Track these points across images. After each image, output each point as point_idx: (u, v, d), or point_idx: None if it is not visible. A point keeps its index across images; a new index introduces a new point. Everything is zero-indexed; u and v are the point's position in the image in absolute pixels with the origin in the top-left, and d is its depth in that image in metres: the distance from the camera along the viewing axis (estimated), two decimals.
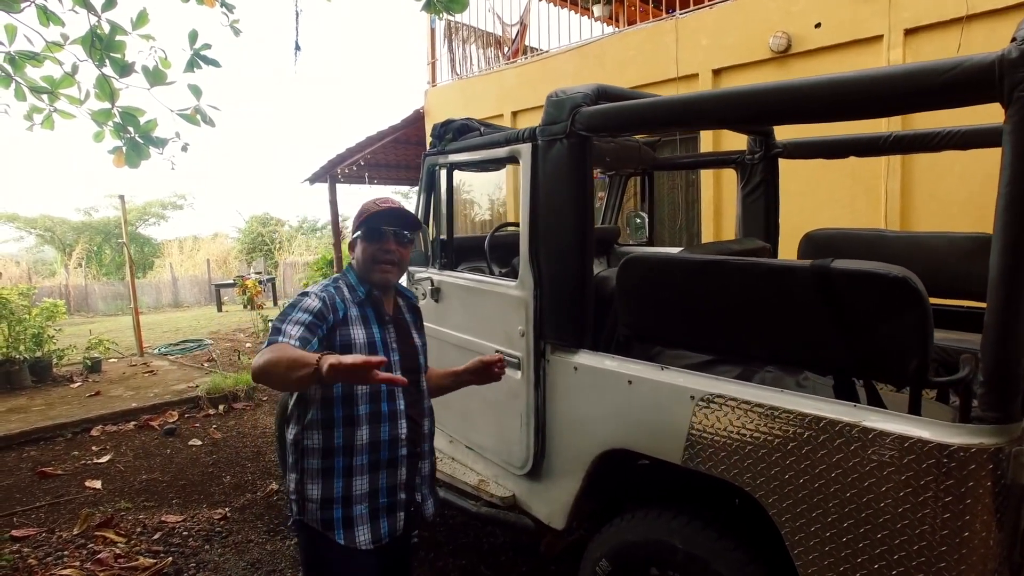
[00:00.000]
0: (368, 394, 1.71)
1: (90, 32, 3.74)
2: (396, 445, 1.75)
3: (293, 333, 1.55)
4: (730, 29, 5.44)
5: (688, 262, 1.78)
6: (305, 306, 1.63)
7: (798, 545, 1.56)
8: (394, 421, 1.75)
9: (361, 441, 1.69)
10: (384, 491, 1.74)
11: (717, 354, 1.89)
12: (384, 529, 1.73)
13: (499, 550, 3.15)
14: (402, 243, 1.79)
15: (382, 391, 1.73)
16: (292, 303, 1.67)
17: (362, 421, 1.69)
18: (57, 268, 22.07)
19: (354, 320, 1.72)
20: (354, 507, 1.69)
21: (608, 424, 1.94)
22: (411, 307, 1.98)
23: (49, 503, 3.89)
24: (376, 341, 1.74)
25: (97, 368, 7.36)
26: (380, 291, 1.80)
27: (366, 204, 1.80)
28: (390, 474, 1.75)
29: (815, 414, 1.50)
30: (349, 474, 1.69)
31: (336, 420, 1.68)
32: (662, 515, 1.88)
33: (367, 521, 1.70)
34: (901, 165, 4.57)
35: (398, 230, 1.78)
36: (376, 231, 1.75)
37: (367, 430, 1.70)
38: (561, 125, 1.98)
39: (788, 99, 1.48)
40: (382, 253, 1.75)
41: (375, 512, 1.72)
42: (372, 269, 1.76)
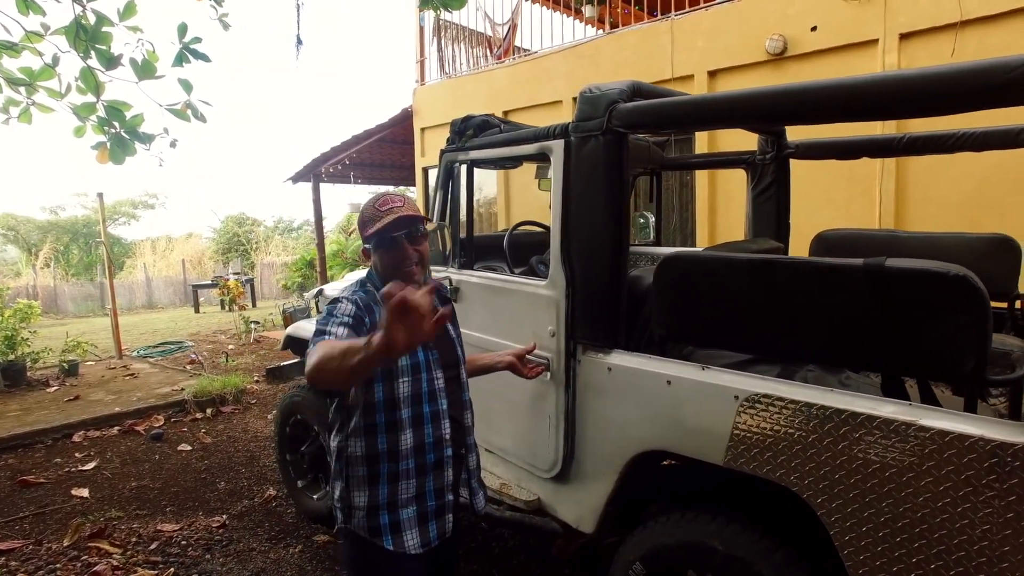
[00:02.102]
0: (410, 396, 1.67)
1: (74, 22, 3.59)
2: (441, 446, 1.72)
3: (339, 333, 1.50)
4: (726, 31, 5.48)
5: (732, 261, 1.76)
6: (343, 310, 1.59)
7: (848, 546, 1.54)
8: (437, 422, 1.71)
9: (406, 446, 1.65)
10: (432, 494, 1.70)
11: (759, 353, 1.87)
12: (433, 532, 1.70)
13: (510, 553, 3.10)
14: (418, 241, 1.72)
15: (423, 392, 1.69)
16: (328, 311, 1.61)
17: (405, 425, 1.65)
18: (22, 268, 21.36)
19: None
20: (401, 511, 1.65)
21: (645, 425, 1.91)
22: (443, 299, 1.94)
23: (33, 513, 3.73)
24: None
25: (74, 371, 7.11)
26: None
27: (368, 211, 1.71)
28: (437, 476, 1.71)
29: (868, 413, 1.48)
30: (395, 479, 1.65)
31: (379, 426, 1.64)
32: (700, 516, 1.85)
33: (415, 525, 1.67)
34: (896, 167, 4.65)
35: (411, 231, 1.70)
36: (388, 241, 1.69)
37: (411, 434, 1.66)
38: (597, 121, 1.94)
39: (843, 97, 1.47)
40: (403, 262, 1.69)
41: (423, 516, 1.69)
42: (398, 276, 1.69)
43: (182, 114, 4.00)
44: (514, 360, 2.10)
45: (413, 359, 1.67)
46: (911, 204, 4.66)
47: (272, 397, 6.21)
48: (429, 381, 1.70)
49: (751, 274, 1.71)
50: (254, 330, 9.56)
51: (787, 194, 3.16)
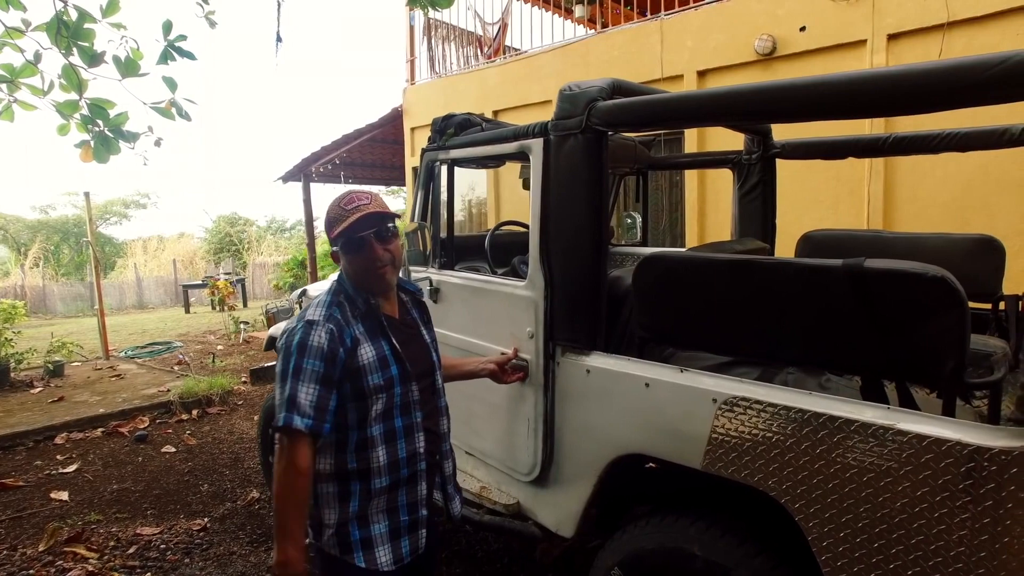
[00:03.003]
0: (382, 412, 1.61)
1: (55, 18, 3.54)
2: (415, 460, 1.67)
3: (308, 402, 1.47)
4: (715, 31, 5.46)
5: (712, 261, 1.73)
6: (315, 351, 1.51)
7: (826, 551, 1.52)
8: (411, 436, 1.66)
9: (378, 463, 1.60)
10: (405, 508, 1.65)
11: (739, 356, 1.84)
12: (406, 548, 1.65)
13: (494, 557, 3.07)
14: (388, 240, 1.64)
15: (395, 406, 1.63)
16: (299, 343, 1.52)
17: (377, 442, 1.60)
18: (11, 268, 21.18)
19: (361, 339, 1.60)
20: (372, 527, 1.60)
21: (623, 428, 1.88)
22: (417, 302, 1.89)
23: (10, 517, 3.66)
24: (386, 354, 1.63)
25: (60, 372, 7.03)
26: (382, 295, 1.69)
27: (333, 211, 1.64)
28: (410, 490, 1.66)
29: (847, 416, 1.46)
30: (367, 496, 1.60)
31: (349, 444, 1.59)
32: (679, 521, 1.83)
33: (387, 541, 1.61)
34: (884, 167, 4.64)
35: (379, 230, 1.62)
36: (356, 241, 1.60)
37: (384, 451, 1.60)
38: (576, 120, 1.91)
39: (822, 95, 1.44)
40: (372, 262, 1.62)
41: (396, 531, 1.63)
42: (368, 279, 1.64)
43: (167, 112, 3.95)
44: (495, 368, 2.09)
45: (386, 375, 1.61)
46: (899, 204, 4.66)
47: (259, 398, 6.16)
48: (403, 394, 1.64)
49: (730, 275, 1.68)
50: (243, 330, 9.50)
51: (773, 194, 3.14)
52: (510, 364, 2.12)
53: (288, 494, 1.46)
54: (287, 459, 1.46)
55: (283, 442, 1.47)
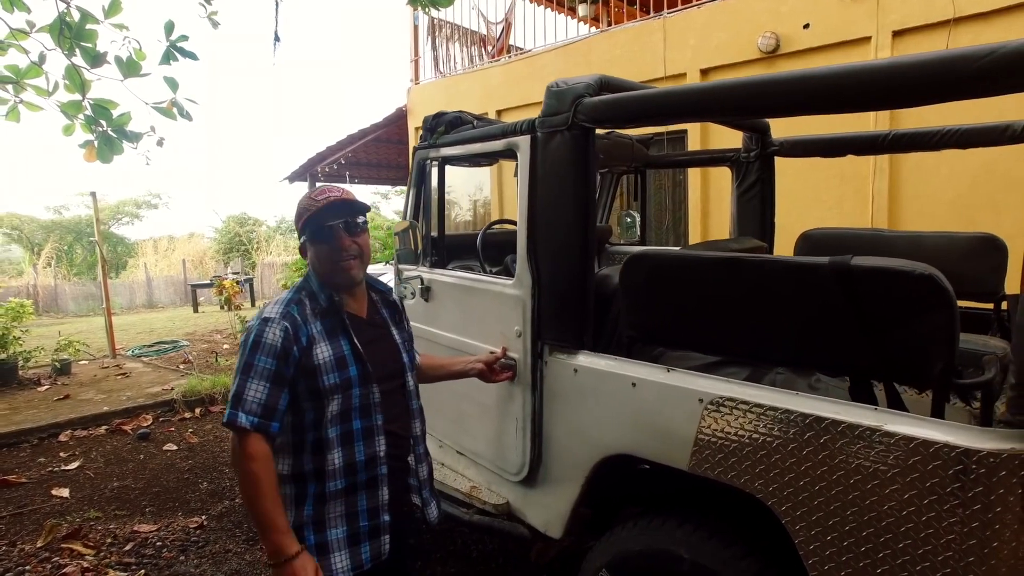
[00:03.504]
0: (339, 414, 1.56)
1: (58, 19, 3.57)
2: (375, 464, 1.61)
3: (255, 399, 1.45)
4: (718, 29, 5.42)
5: (698, 259, 1.70)
6: (268, 348, 1.49)
7: (812, 555, 1.49)
8: (370, 439, 1.61)
9: (334, 465, 1.55)
10: (365, 514, 1.60)
11: (727, 355, 1.82)
12: (366, 554, 1.60)
13: (489, 557, 3.05)
14: (356, 233, 1.61)
15: (354, 407, 1.59)
16: (253, 340, 1.50)
17: (334, 444, 1.55)
18: (25, 268, 21.42)
19: (318, 338, 1.57)
20: (328, 532, 1.56)
21: (610, 428, 1.85)
22: (387, 302, 1.83)
23: (11, 513, 3.69)
24: (345, 354, 1.59)
25: (67, 370, 7.09)
26: (347, 291, 1.66)
27: (303, 202, 1.61)
28: (370, 496, 1.61)
29: (833, 417, 1.43)
30: (322, 500, 1.55)
31: (305, 445, 1.56)
32: (666, 523, 1.80)
33: (345, 547, 1.56)
34: (889, 165, 4.59)
35: (348, 220, 1.59)
36: (323, 230, 1.57)
37: (340, 453, 1.56)
38: (562, 116, 1.89)
39: (809, 88, 1.41)
40: (338, 253, 1.58)
41: (355, 537, 1.58)
42: (333, 272, 1.60)
43: (168, 112, 3.97)
44: (483, 368, 2.06)
45: (343, 375, 1.57)
46: (904, 203, 4.60)
47: None
48: (362, 396, 1.60)
49: (717, 273, 1.66)
50: None
51: (772, 192, 3.10)
52: (498, 363, 2.10)
53: (252, 485, 1.45)
54: (241, 453, 1.46)
55: (234, 440, 1.48)
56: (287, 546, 1.44)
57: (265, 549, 1.47)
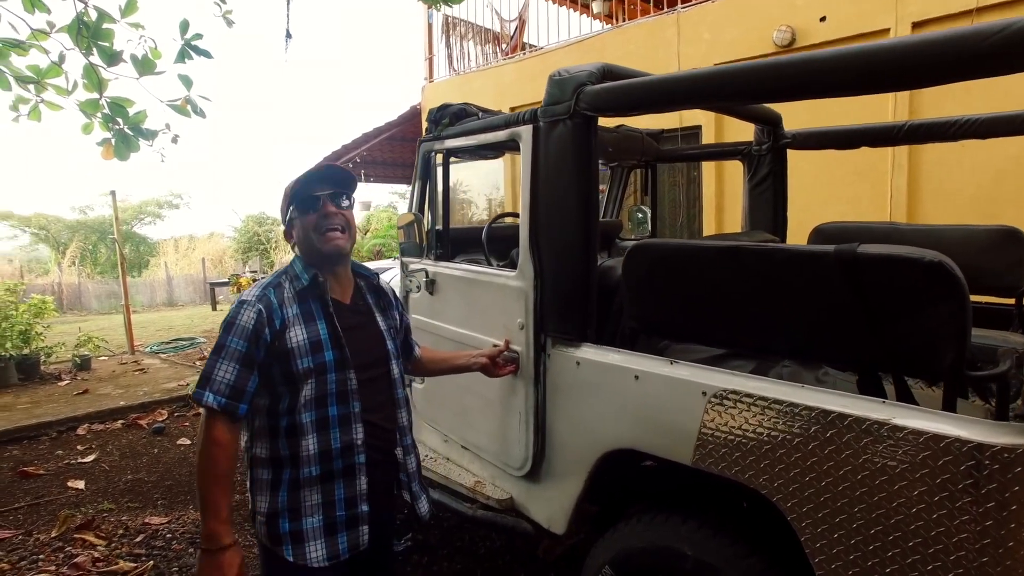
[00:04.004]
0: (313, 399, 1.53)
1: (76, 19, 3.62)
2: (351, 452, 1.57)
3: (224, 380, 1.46)
4: (733, 23, 5.34)
5: (701, 249, 1.66)
6: (240, 330, 1.49)
7: (819, 553, 1.44)
8: (346, 426, 1.57)
9: (308, 451, 1.52)
10: (342, 503, 1.56)
11: (732, 348, 1.77)
12: (343, 544, 1.56)
13: (496, 554, 3.03)
14: (342, 206, 1.58)
15: (330, 393, 1.55)
16: (228, 321, 1.51)
17: (308, 429, 1.52)
18: (51, 266, 21.86)
19: (294, 321, 1.54)
20: (304, 520, 1.53)
21: (613, 422, 1.82)
22: (373, 287, 1.79)
23: (29, 504, 3.75)
24: (322, 338, 1.56)
25: (86, 366, 7.21)
26: (333, 268, 1.63)
27: (290, 186, 1.61)
28: (348, 485, 1.57)
29: (839, 411, 1.38)
30: (297, 486, 1.53)
31: (280, 429, 1.53)
32: (670, 520, 1.77)
33: (321, 536, 1.53)
34: (908, 160, 4.48)
35: (334, 191, 1.57)
36: (309, 199, 1.55)
37: (315, 439, 1.53)
38: (564, 105, 1.86)
39: (818, 70, 1.37)
40: (324, 220, 1.55)
41: (331, 526, 1.55)
42: (320, 242, 1.56)
43: (182, 110, 4.01)
44: (487, 362, 2.04)
45: (318, 359, 1.54)
46: (924, 198, 4.49)
47: None
48: (339, 382, 1.57)
49: (719, 262, 1.62)
50: None
51: (784, 185, 3.04)
52: (502, 357, 2.07)
53: (208, 467, 1.45)
54: (205, 434, 1.46)
55: (203, 418, 1.49)
56: (222, 535, 1.44)
57: (201, 531, 1.47)
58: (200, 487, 1.46)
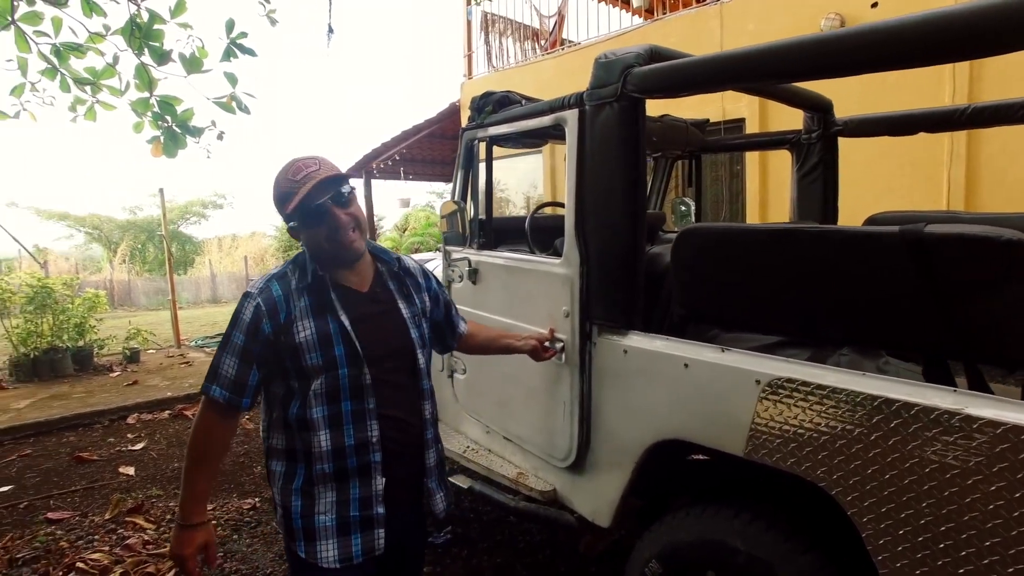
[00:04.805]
0: (324, 395, 1.47)
1: (129, 21, 3.74)
2: (366, 450, 1.49)
3: (227, 374, 1.46)
4: (778, 12, 5.20)
5: (755, 232, 1.61)
6: (240, 324, 1.46)
7: (882, 550, 1.37)
8: (360, 423, 1.49)
9: (320, 447, 1.46)
10: (356, 503, 1.49)
11: (787, 335, 1.71)
12: (357, 547, 1.48)
13: (536, 548, 3.00)
14: (347, 204, 1.49)
15: (343, 388, 1.48)
16: (233, 315, 1.49)
17: (319, 425, 1.46)
18: (103, 264, 22.72)
19: (302, 314, 1.47)
20: (317, 517, 1.47)
21: (661, 412, 1.77)
22: (393, 274, 1.67)
23: (84, 487, 3.90)
24: (332, 332, 1.48)
25: (135, 358, 7.46)
26: (349, 266, 1.55)
27: (282, 184, 1.48)
28: (363, 484, 1.49)
29: (905, 400, 1.31)
30: (311, 481, 1.48)
31: (292, 421, 1.49)
32: (720, 513, 1.71)
33: (333, 535, 1.47)
34: (966, 150, 4.28)
35: (335, 195, 1.46)
36: (314, 213, 1.45)
37: (327, 435, 1.47)
38: (611, 87, 1.82)
39: (876, 42, 1.30)
40: (336, 232, 1.47)
41: (344, 526, 1.48)
42: (337, 251, 1.49)
43: (228, 107, 4.11)
44: (536, 344, 1.97)
45: (327, 354, 1.47)
46: (984, 190, 4.28)
47: None
48: (351, 377, 1.48)
49: (775, 246, 1.56)
50: None
51: (835, 175, 2.94)
52: (548, 343, 2.02)
53: (195, 449, 1.48)
54: (201, 419, 1.48)
55: (202, 406, 1.49)
56: (196, 514, 1.48)
57: (178, 509, 1.50)
58: (186, 468, 1.48)
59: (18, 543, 3.08)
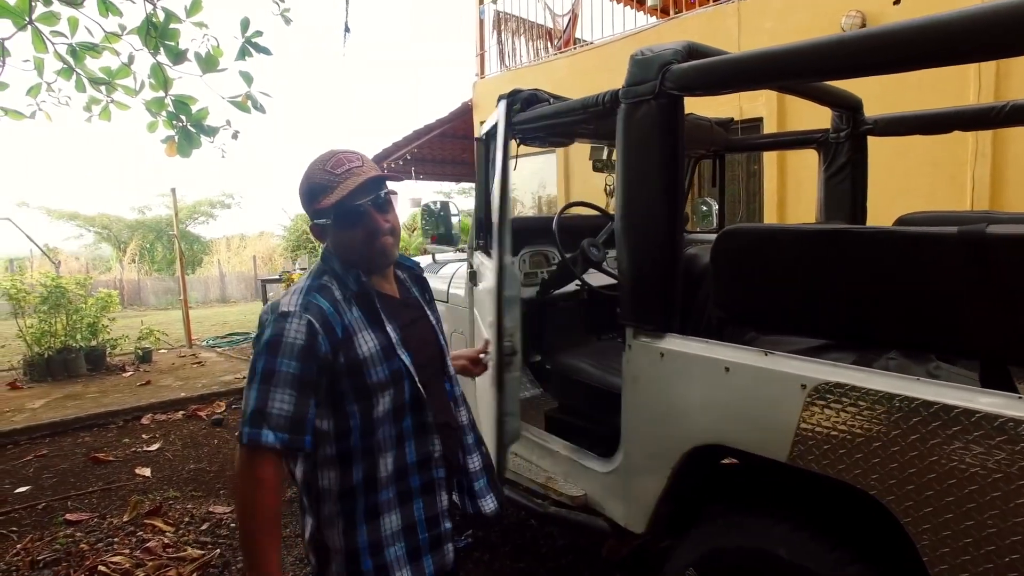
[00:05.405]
0: (390, 412, 1.35)
1: (146, 20, 3.73)
2: (428, 466, 1.42)
3: (282, 412, 1.21)
4: (797, 10, 5.14)
5: (803, 232, 1.56)
6: (287, 348, 1.24)
7: (940, 562, 1.32)
8: (421, 438, 1.41)
9: (385, 472, 1.35)
10: (423, 524, 1.40)
11: (831, 338, 1.66)
12: (429, 569, 1.41)
13: (559, 553, 2.97)
14: (388, 210, 1.41)
15: (404, 403, 1.38)
16: (271, 340, 1.24)
17: (383, 448, 1.35)
18: (113, 264, 22.82)
19: (357, 326, 1.34)
20: (387, 551, 1.35)
21: (700, 416, 1.73)
22: (416, 278, 1.63)
23: (101, 488, 3.89)
24: (393, 343, 1.39)
25: (148, 358, 7.47)
26: (380, 272, 1.47)
27: (317, 175, 1.35)
28: (428, 503, 1.41)
29: (965, 406, 1.26)
30: (375, 515, 1.35)
31: (354, 452, 1.34)
32: (761, 520, 1.67)
33: (406, 564, 1.36)
34: (992, 148, 4.21)
35: (376, 198, 1.37)
36: (353, 212, 1.34)
37: (391, 457, 1.36)
38: (649, 85, 1.78)
39: (943, 34, 1.25)
40: (375, 236, 1.37)
41: (415, 552, 1.38)
42: (371, 256, 1.40)
43: (243, 106, 4.09)
44: (466, 364, 1.82)
45: (392, 366, 1.36)
46: (1010, 190, 4.21)
47: None
48: (412, 388, 1.40)
49: (824, 247, 1.51)
50: None
51: (864, 175, 2.89)
52: (483, 358, 1.87)
53: (254, 512, 1.21)
54: (251, 477, 1.20)
55: (243, 457, 1.22)
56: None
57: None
58: (246, 538, 1.24)
59: (38, 545, 3.07)
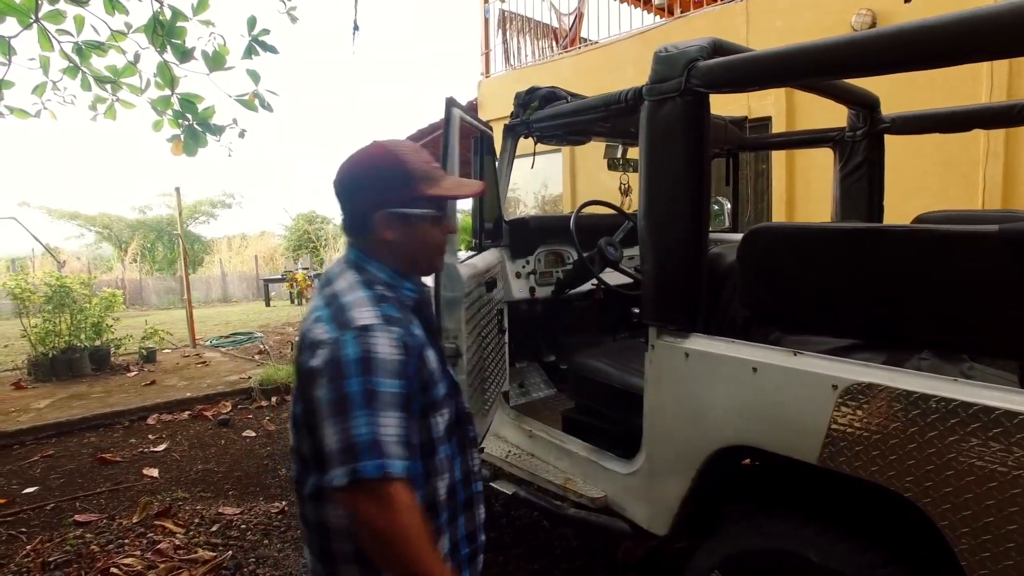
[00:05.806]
0: (446, 430, 1.28)
1: (152, 18, 3.70)
2: (469, 480, 1.37)
3: (395, 437, 1.06)
4: (806, 9, 5.12)
5: (833, 231, 1.54)
6: (382, 366, 1.08)
7: (978, 567, 1.30)
8: (464, 452, 1.36)
9: (442, 495, 1.26)
10: (464, 540, 1.35)
11: (861, 338, 1.64)
12: None
13: (573, 554, 2.94)
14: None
15: (454, 420, 1.33)
16: (362, 358, 1.07)
17: (443, 468, 1.27)
18: (114, 263, 22.79)
19: (424, 341, 1.23)
20: None
21: (726, 417, 1.71)
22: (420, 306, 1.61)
23: (109, 489, 3.86)
24: (440, 357, 1.32)
25: (152, 358, 7.44)
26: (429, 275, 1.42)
27: (416, 160, 1.22)
28: (468, 518, 1.36)
29: (1006, 408, 1.24)
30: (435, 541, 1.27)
31: (416, 477, 1.20)
32: (789, 522, 1.65)
33: None
34: (1005, 147, 4.19)
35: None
36: (450, 211, 1.40)
37: (447, 476, 1.28)
38: (674, 82, 1.76)
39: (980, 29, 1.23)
40: (448, 238, 1.36)
41: (456, 568, 1.33)
42: (434, 259, 1.33)
43: (250, 104, 4.06)
44: None
45: (449, 381, 1.29)
46: (1022, 190, 4.19)
47: None
48: (459, 402, 1.34)
49: (855, 246, 1.49)
50: None
51: (881, 174, 2.87)
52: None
53: (414, 542, 1.06)
54: (391, 509, 1.03)
55: (379, 491, 1.03)
56: None
57: None
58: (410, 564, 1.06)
59: (48, 546, 3.04)
